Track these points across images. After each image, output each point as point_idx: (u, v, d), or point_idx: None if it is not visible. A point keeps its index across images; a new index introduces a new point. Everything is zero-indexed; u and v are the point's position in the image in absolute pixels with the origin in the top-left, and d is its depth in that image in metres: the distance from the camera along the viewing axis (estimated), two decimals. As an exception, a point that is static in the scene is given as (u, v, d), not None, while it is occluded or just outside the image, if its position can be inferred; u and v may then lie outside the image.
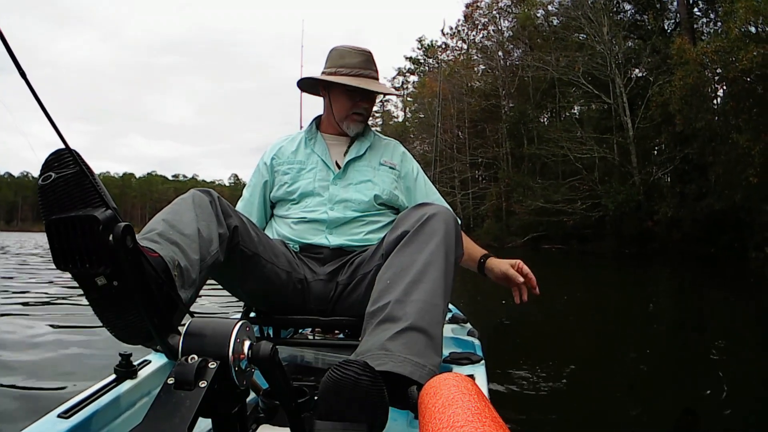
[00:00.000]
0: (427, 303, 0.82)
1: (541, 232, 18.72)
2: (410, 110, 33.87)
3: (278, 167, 1.31)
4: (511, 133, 22.76)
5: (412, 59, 34.50)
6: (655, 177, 16.14)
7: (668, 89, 13.44)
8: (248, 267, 1.04)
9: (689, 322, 3.82)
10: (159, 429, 0.48)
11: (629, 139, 16.76)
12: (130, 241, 0.54)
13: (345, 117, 1.29)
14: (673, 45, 13.84)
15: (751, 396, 1.92)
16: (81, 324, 2.69)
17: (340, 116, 1.30)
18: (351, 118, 1.29)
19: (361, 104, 1.29)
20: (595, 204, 16.78)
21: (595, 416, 1.67)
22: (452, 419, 0.45)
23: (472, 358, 1.14)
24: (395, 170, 1.32)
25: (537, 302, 1.31)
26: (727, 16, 12.40)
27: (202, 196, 0.93)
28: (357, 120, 1.29)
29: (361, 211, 1.23)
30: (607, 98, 17.70)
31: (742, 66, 11.14)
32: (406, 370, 0.72)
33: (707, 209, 13.29)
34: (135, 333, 0.61)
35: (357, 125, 1.30)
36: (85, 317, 2.76)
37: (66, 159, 0.54)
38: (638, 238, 15.42)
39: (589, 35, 17.81)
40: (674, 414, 1.68)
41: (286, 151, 1.33)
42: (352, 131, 1.31)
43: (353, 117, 1.29)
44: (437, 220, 0.92)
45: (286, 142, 1.36)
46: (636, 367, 2.39)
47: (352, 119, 1.29)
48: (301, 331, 1.29)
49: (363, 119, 1.31)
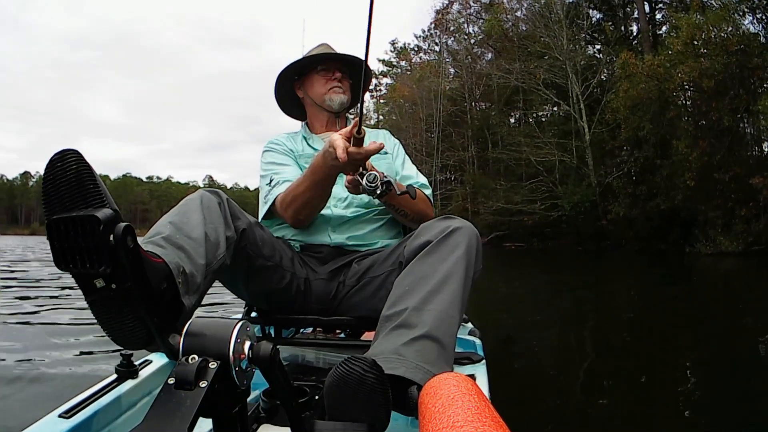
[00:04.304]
0: (444, 313, 0.82)
1: (503, 231, 19.73)
2: (382, 114, 33.87)
3: (297, 159, 1.31)
4: (477, 137, 23.78)
5: (384, 62, 34.56)
6: (610, 179, 17.25)
7: (614, 100, 14.67)
8: (253, 268, 1.04)
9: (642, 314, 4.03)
10: (160, 429, 0.49)
11: (586, 143, 17.96)
12: (131, 242, 0.54)
13: (324, 93, 1.31)
14: (618, 59, 15.01)
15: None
16: (81, 324, 2.70)
17: (320, 96, 1.31)
18: (331, 92, 1.30)
19: (335, 74, 1.31)
20: (554, 204, 17.96)
21: (596, 416, 1.66)
22: (452, 419, 0.45)
23: (473, 358, 1.14)
24: (387, 155, 1.33)
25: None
26: (674, 31, 13.60)
27: (210, 197, 0.92)
28: (337, 91, 1.31)
29: (364, 207, 1.24)
30: (566, 105, 18.92)
31: (679, 79, 12.37)
32: (418, 377, 0.71)
33: (656, 209, 14.35)
34: (132, 338, 0.61)
35: (338, 96, 1.31)
36: (87, 317, 2.76)
37: (69, 159, 0.55)
38: (594, 236, 16.67)
39: (549, 46, 18.86)
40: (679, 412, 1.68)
41: (295, 147, 1.34)
42: (335, 104, 1.31)
43: (333, 90, 1.30)
44: (461, 233, 0.92)
45: (289, 139, 1.37)
46: (635, 367, 2.38)
47: (332, 92, 1.30)
48: (303, 331, 1.29)
49: (342, 89, 1.32)
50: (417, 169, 1.37)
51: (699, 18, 12.57)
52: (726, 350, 2.65)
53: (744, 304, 4.57)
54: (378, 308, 0.89)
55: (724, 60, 11.77)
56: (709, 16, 12.35)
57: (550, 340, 3.01)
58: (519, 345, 2.87)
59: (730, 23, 12.33)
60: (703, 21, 12.37)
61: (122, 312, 0.59)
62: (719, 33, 12.27)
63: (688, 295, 5.37)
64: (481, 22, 24.32)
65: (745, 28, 12.55)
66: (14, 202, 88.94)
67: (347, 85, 1.34)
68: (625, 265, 10.27)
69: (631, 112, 14.11)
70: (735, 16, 12.49)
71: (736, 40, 11.96)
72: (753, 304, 4.48)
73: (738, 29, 12.40)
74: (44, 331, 2.59)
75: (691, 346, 2.83)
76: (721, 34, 12.23)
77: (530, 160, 18.97)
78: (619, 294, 5.51)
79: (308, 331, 1.30)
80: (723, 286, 6.53)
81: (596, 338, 3.11)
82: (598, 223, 16.53)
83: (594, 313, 4.15)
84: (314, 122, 1.37)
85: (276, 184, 1.21)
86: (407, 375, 0.72)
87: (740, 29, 12.45)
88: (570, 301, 4.93)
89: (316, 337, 1.25)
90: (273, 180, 1.23)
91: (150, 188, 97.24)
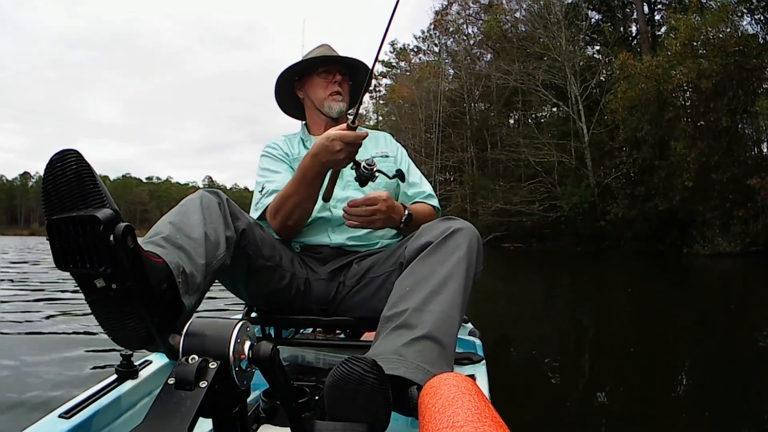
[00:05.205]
0: (445, 314, 0.82)
1: (502, 232, 19.74)
2: (381, 114, 33.91)
3: (291, 163, 1.32)
4: (476, 138, 23.78)
5: (384, 62, 34.51)
6: (608, 179, 17.31)
7: (613, 101, 14.67)
8: (253, 269, 1.05)
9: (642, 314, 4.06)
10: (160, 429, 0.49)
11: (584, 144, 17.98)
12: (131, 242, 0.54)
13: (324, 99, 1.31)
14: (616, 60, 15.02)
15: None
16: (82, 322, 2.69)
17: (320, 101, 1.32)
18: (330, 98, 1.31)
19: (336, 76, 1.31)
20: (553, 205, 17.98)
21: (595, 416, 1.67)
22: (452, 419, 0.46)
23: (473, 358, 1.14)
24: (389, 157, 1.33)
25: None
26: (672, 32, 13.62)
27: (210, 198, 0.92)
28: (336, 99, 1.31)
29: None
30: (565, 106, 18.92)
31: (678, 80, 12.39)
32: (418, 377, 0.72)
33: (654, 210, 14.39)
34: (133, 338, 0.61)
35: (337, 104, 1.31)
36: (88, 316, 2.76)
37: (69, 159, 0.55)
38: (592, 237, 16.72)
39: (548, 47, 18.89)
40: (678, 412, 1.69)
41: (291, 150, 1.34)
42: (334, 112, 1.31)
43: (332, 97, 1.31)
44: (462, 234, 0.92)
45: (286, 143, 1.37)
46: (634, 367, 2.39)
47: (331, 98, 1.31)
48: (302, 331, 1.29)
49: (341, 97, 1.32)
50: (422, 175, 1.38)
51: (697, 19, 12.62)
52: (724, 350, 2.65)
53: (742, 304, 4.59)
54: (378, 309, 0.89)
55: (723, 61, 11.80)
56: (707, 17, 12.39)
57: (549, 341, 3.01)
58: (518, 345, 2.88)
59: (728, 24, 12.37)
60: (702, 22, 12.42)
61: (122, 312, 0.59)
62: (718, 34, 12.32)
63: (686, 295, 5.38)
64: (480, 23, 24.39)
65: (743, 29, 12.62)
66: (14, 203, 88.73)
67: (347, 88, 1.35)
68: (624, 266, 10.31)
69: (630, 113, 14.14)
70: (733, 17, 12.52)
71: (735, 41, 11.99)
72: (750, 305, 4.50)
73: (736, 30, 12.45)
74: (44, 331, 2.58)
75: (689, 346, 2.85)
76: (720, 35, 12.29)
77: (529, 160, 19.01)
78: (618, 294, 5.52)
79: (308, 331, 1.30)
80: (721, 286, 6.54)
81: (595, 339, 3.12)
82: (597, 223, 16.58)
83: (593, 313, 4.16)
84: (313, 124, 1.38)
85: (266, 194, 1.22)
86: (407, 375, 0.72)
87: (739, 30, 12.49)
88: (569, 301, 4.95)
89: (316, 337, 1.25)
90: (264, 189, 1.23)
91: (149, 189, 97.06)
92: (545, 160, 18.79)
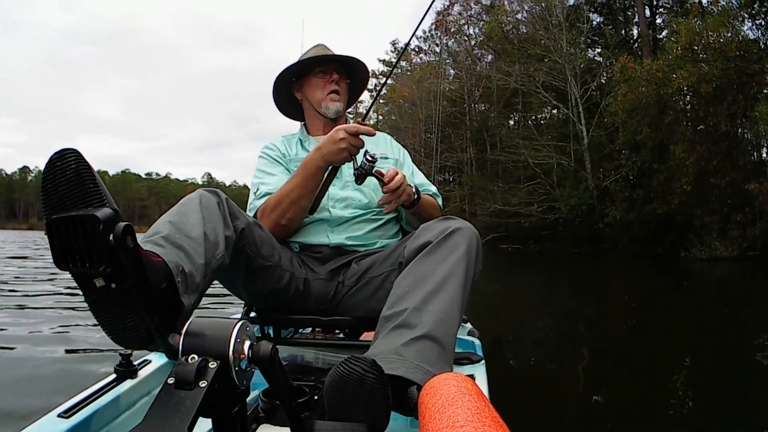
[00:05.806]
0: (444, 314, 0.82)
1: (500, 233, 19.75)
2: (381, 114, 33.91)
3: (288, 165, 1.32)
4: (475, 138, 23.79)
5: (384, 62, 34.49)
6: (607, 182, 17.31)
7: (613, 103, 14.67)
8: (252, 268, 1.05)
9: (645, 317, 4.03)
10: (159, 429, 0.49)
11: (584, 147, 17.99)
12: (131, 241, 0.54)
13: (322, 100, 1.32)
14: (617, 63, 15.00)
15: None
16: (82, 323, 2.69)
17: (318, 100, 1.32)
18: (327, 99, 1.32)
19: (333, 75, 1.31)
20: (551, 207, 17.99)
21: (595, 416, 1.67)
22: (452, 419, 0.46)
23: (472, 358, 1.14)
24: (389, 159, 1.34)
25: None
26: (674, 36, 13.61)
27: (209, 197, 0.92)
28: (334, 99, 1.32)
29: (362, 209, 1.24)
30: (565, 108, 18.96)
31: (678, 84, 12.39)
32: (417, 377, 0.72)
33: (652, 213, 14.40)
34: (132, 337, 0.61)
35: (334, 104, 1.32)
36: (86, 315, 2.75)
37: (68, 159, 0.55)
38: (590, 239, 16.75)
39: (549, 49, 18.89)
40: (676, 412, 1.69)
41: (289, 151, 1.35)
42: (331, 112, 1.32)
43: (329, 98, 1.32)
44: (461, 234, 0.92)
45: (284, 144, 1.37)
46: (633, 368, 2.39)
47: (329, 99, 1.32)
48: (302, 331, 1.29)
49: (339, 96, 1.33)
50: (425, 177, 1.39)
51: (698, 23, 12.63)
52: (721, 352, 2.66)
53: (738, 308, 4.60)
54: (377, 308, 0.89)
55: (723, 65, 11.81)
56: (708, 22, 12.40)
57: (548, 341, 3.02)
58: (518, 345, 2.88)
59: (729, 29, 12.36)
60: (703, 26, 12.43)
61: (122, 311, 0.59)
62: (718, 39, 12.32)
63: (683, 298, 5.40)
64: (482, 24, 24.38)
65: (744, 34, 12.59)
66: (12, 197, 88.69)
67: (344, 86, 1.35)
68: (621, 269, 10.33)
69: (630, 116, 14.14)
70: (734, 22, 12.52)
71: (735, 46, 11.99)
72: (747, 308, 4.52)
73: (737, 35, 12.43)
74: (43, 331, 2.58)
75: (687, 348, 2.87)
76: (720, 40, 12.28)
77: (528, 162, 19.01)
78: (616, 297, 5.54)
79: (307, 331, 1.30)
80: (718, 290, 6.56)
81: (594, 339, 3.13)
82: (595, 226, 16.59)
83: (591, 315, 4.18)
84: (312, 125, 1.38)
85: (259, 195, 1.23)
86: (407, 375, 0.72)
87: (739, 35, 12.48)
88: (567, 302, 4.97)
89: (315, 337, 1.25)
90: (259, 190, 1.24)
91: (149, 184, 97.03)
92: (544, 161, 18.81)
